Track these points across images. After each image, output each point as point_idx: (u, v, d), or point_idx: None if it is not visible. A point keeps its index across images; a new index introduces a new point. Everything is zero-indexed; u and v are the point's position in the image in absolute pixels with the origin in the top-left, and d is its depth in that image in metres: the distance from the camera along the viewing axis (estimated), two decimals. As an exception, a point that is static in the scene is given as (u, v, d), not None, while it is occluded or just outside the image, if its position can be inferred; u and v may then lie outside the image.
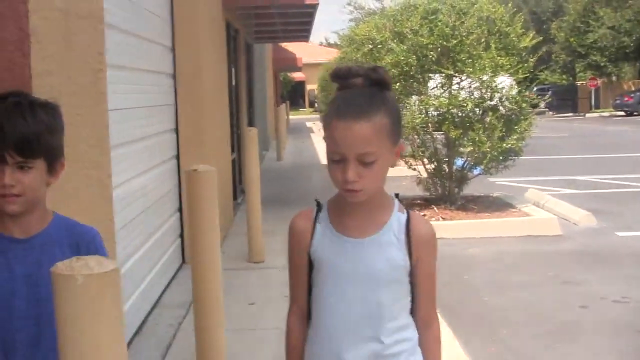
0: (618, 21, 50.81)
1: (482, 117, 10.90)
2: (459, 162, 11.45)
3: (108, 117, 4.32)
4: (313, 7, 13.91)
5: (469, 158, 11.26)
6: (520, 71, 10.71)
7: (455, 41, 10.74)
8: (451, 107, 10.81)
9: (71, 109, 3.58)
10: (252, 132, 8.71)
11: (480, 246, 9.31)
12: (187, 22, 8.26)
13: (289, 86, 65.74)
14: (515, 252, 9.24)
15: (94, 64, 4.07)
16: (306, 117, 59.93)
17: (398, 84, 11.04)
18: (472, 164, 11.29)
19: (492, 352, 5.83)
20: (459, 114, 10.89)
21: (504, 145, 10.65)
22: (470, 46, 10.71)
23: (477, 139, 10.51)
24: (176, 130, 8.18)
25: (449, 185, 11.50)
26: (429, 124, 11.22)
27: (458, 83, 11.11)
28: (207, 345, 4.38)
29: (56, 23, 3.46)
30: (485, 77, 10.60)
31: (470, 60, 10.68)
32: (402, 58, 10.89)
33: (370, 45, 11.89)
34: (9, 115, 2.21)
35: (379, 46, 11.60)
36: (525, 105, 10.87)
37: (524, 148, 11.21)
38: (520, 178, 14.90)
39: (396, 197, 2.39)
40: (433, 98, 11.03)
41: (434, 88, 11.31)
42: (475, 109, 10.87)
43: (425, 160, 11.54)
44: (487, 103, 10.84)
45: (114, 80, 4.88)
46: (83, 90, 3.86)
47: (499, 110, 10.80)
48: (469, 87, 10.97)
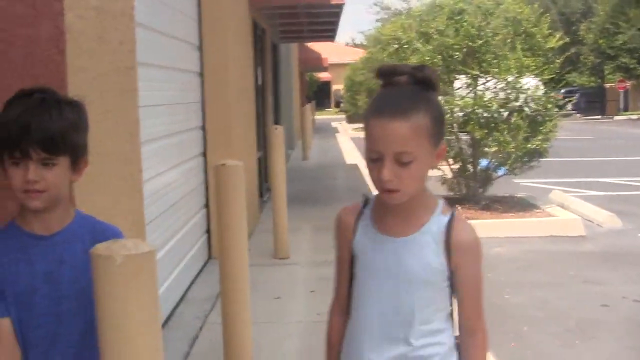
0: (648, 23, 50.37)
1: (507, 117, 10.94)
2: (483, 162, 11.48)
3: (139, 113, 4.43)
4: (339, 7, 13.94)
5: (493, 158, 11.30)
6: (546, 72, 10.73)
7: (480, 42, 10.79)
8: (476, 108, 10.85)
9: (104, 105, 3.68)
10: (278, 130, 8.79)
11: (504, 246, 9.33)
12: (214, 21, 8.34)
13: (315, 86, 65.67)
14: (539, 252, 9.26)
15: (125, 61, 4.17)
16: (332, 117, 59.99)
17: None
18: (497, 165, 11.32)
19: (512, 348, 5.89)
20: (484, 115, 10.91)
21: (529, 146, 10.68)
22: (496, 47, 10.76)
23: (502, 139, 10.55)
24: (203, 128, 8.26)
25: (473, 185, 11.54)
26: (454, 124, 11.27)
27: (483, 83, 11.14)
28: (234, 337, 4.44)
29: (90, 21, 3.56)
30: (510, 77, 10.64)
31: (495, 60, 10.73)
32: (427, 58, 10.95)
33: (396, 45, 11.95)
34: (35, 112, 2.20)
35: (405, 46, 11.66)
36: (550, 106, 10.89)
37: (549, 150, 11.22)
38: (545, 180, 14.89)
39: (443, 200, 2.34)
40: (458, 98, 11.08)
41: (459, 88, 11.36)
42: (500, 110, 10.90)
43: (450, 160, 11.58)
44: (513, 104, 10.87)
45: (143, 77, 4.91)
46: (115, 86, 3.96)
47: (524, 111, 10.82)
48: (494, 88, 11.00)
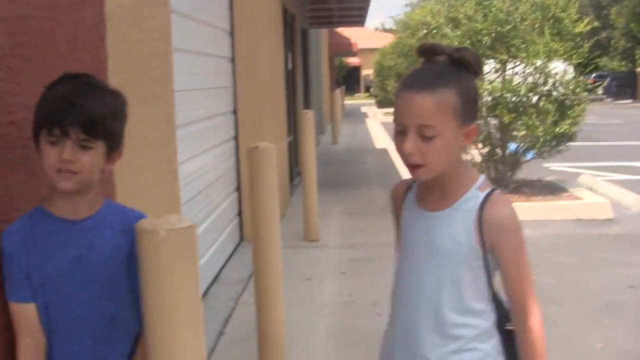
0: (680, 6, 49.85)
1: (536, 102, 10.97)
2: (512, 146, 11.50)
3: (174, 97, 4.56)
4: (368, -8, 14.05)
5: (522, 142, 11.34)
6: (574, 57, 10.75)
7: (509, 26, 10.80)
8: (505, 92, 10.89)
9: (141, 89, 3.82)
10: (308, 115, 8.89)
11: (532, 229, 9.36)
12: (245, 6, 8.44)
13: (344, 71, 65.74)
14: (567, 235, 9.29)
15: (161, 47, 4.31)
16: (361, 102, 59.93)
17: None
18: (525, 148, 11.36)
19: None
20: (513, 99, 10.94)
21: (557, 130, 10.70)
22: (524, 31, 10.78)
23: (530, 123, 10.57)
24: (234, 112, 8.39)
25: (502, 168, 11.58)
26: (483, 108, 11.31)
27: (512, 68, 11.18)
28: (267, 317, 4.52)
29: (129, 8, 3.69)
30: (539, 62, 10.67)
31: (524, 45, 10.74)
32: (456, 43, 10.98)
33: (425, 31, 12.02)
34: (80, 93, 2.21)
35: (434, 31, 11.72)
36: (579, 90, 10.91)
37: (578, 134, 11.22)
38: (574, 163, 14.88)
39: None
40: (487, 83, 11.13)
41: (488, 73, 11.39)
42: (528, 94, 10.94)
43: (479, 144, 11.64)
44: (541, 88, 10.91)
45: (177, 62, 5.02)
46: (152, 72, 4.09)
47: (552, 95, 10.85)
48: (522, 72, 11.03)
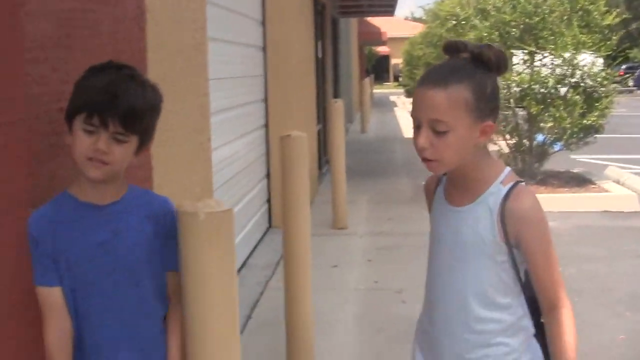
0: None
1: (564, 94, 11.01)
2: (539, 137, 11.56)
3: (208, 86, 4.69)
4: (399, -18, 14.09)
5: (549, 134, 11.39)
6: (602, 49, 10.78)
7: (537, 18, 10.85)
8: (533, 83, 10.94)
9: (178, 79, 3.95)
10: (338, 104, 9.01)
11: (558, 220, 9.41)
12: (277, -3, 8.59)
13: (374, 60, 65.66)
14: (593, 227, 9.33)
15: (197, 38, 4.43)
16: (390, 91, 59.82)
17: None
18: (553, 140, 11.41)
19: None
20: (541, 90, 10.99)
21: (584, 121, 10.75)
22: (553, 23, 10.83)
23: (558, 115, 10.63)
24: (265, 100, 8.51)
25: (529, 160, 11.64)
26: (511, 100, 11.37)
27: (540, 60, 11.22)
28: (295, 302, 4.62)
29: (167, 0, 3.82)
30: (567, 54, 10.72)
31: (552, 37, 10.80)
32: (485, 34, 11.05)
33: (454, 21, 12.08)
34: (123, 85, 2.21)
35: (463, 22, 11.78)
36: (606, 82, 10.94)
37: (606, 126, 11.26)
38: (602, 155, 14.86)
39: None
40: (515, 74, 11.18)
41: (516, 64, 11.44)
42: (556, 86, 10.98)
43: (507, 135, 11.70)
44: (569, 80, 10.95)
45: (211, 52, 5.12)
46: (188, 61, 4.22)
47: (580, 87, 10.89)
48: (550, 64, 11.08)
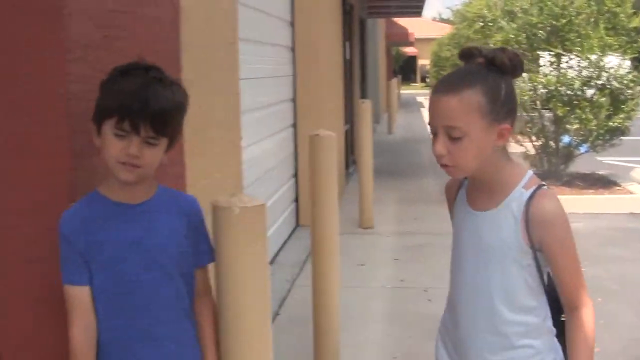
0: None
1: (590, 96, 11.02)
2: (565, 139, 11.58)
3: (239, 85, 4.77)
4: (427, -17, 14.10)
5: (575, 136, 11.40)
6: (629, 51, 10.80)
7: (564, 20, 10.91)
8: (559, 85, 10.97)
9: (210, 78, 4.04)
10: (365, 104, 9.06)
11: (583, 221, 9.43)
12: (305, -2, 8.67)
13: (401, 61, 65.50)
14: (617, 228, 9.35)
15: (228, 38, 4.52)
16: (417, 92, 59.58)
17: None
18: (579, 142, 11.42)
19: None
20: (567, 92, 11.02)
21: (610, 123, 10.77)
22: (579, 26, 10.87)
23: (584, 116, 10.68)
24: (294, 100, 8.60)
25: (555, 161, 11.65)
26: (537, 101, 11.39)
27: (566, 62, 11.24)
28: (323, 299, 4.68)
29: (202, 2, 3.90)
30: (593, 56, 10.73)
31: (579, 39, 10.83)
32: (512, 36, 11.11)
33: (481, 23, 12.12)
34: (153, 89, 2.20)
35: (490, 24, 11.82)
36: (633, 84, 10.94)
37: (632, 128, 11.27)
38: (628, 158, 14.81)
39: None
40: (541, 76, 11.20)
41: (543, 66, 11.46)
42: (583, 88, 11.00)
43: (533, 137, 11.71)
44: (595, 82, 10.96)
45: (241, 52, 5.18)
46: (220, 61, 4.31)
47: (606, 89, 10.90)
48: (577, 66, 11.10)
